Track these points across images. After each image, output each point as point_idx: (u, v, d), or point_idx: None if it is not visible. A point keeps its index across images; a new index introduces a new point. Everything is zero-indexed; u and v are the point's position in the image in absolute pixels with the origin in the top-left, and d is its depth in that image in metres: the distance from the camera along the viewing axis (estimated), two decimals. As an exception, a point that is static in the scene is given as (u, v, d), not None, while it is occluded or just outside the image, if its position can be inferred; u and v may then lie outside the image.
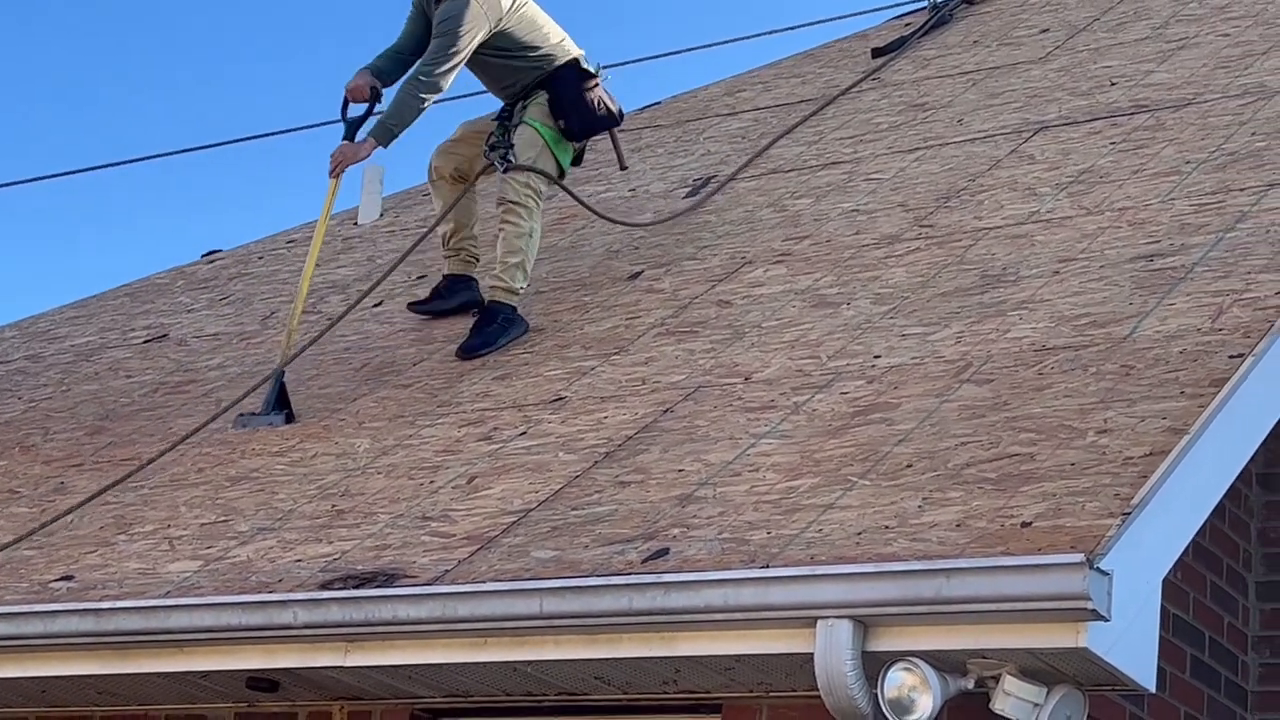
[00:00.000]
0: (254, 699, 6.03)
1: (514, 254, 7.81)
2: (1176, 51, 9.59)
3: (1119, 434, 5.34)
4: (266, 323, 9.05)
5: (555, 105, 8.01)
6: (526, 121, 8.02)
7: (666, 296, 7.72)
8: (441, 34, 7.83)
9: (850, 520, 5.24)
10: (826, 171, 8.98)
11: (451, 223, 8.16)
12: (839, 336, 6.73)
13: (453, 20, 7.81)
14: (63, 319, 10.29)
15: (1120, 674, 4.82)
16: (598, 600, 5.19)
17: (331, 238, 10.53)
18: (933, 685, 4.84)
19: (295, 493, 6.58)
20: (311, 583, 5.75)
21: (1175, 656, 5.96)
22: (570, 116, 8.01)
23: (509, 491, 6.10)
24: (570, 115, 8.01)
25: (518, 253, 7.82)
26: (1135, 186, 7.59)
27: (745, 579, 5.02)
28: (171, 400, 8.17)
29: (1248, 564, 6.50)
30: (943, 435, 5.65)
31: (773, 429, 6.05)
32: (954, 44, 10.98)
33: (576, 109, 8.03)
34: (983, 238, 7.42)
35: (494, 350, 7.55)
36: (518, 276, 7.79)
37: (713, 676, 5.30)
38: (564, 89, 8.02)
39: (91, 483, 7.30)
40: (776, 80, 11.34)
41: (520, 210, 7.85)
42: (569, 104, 8.02)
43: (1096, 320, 6.24)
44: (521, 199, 7.87)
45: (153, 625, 5.82)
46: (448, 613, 5.39)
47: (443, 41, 7.82)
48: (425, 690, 5.78)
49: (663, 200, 8.94)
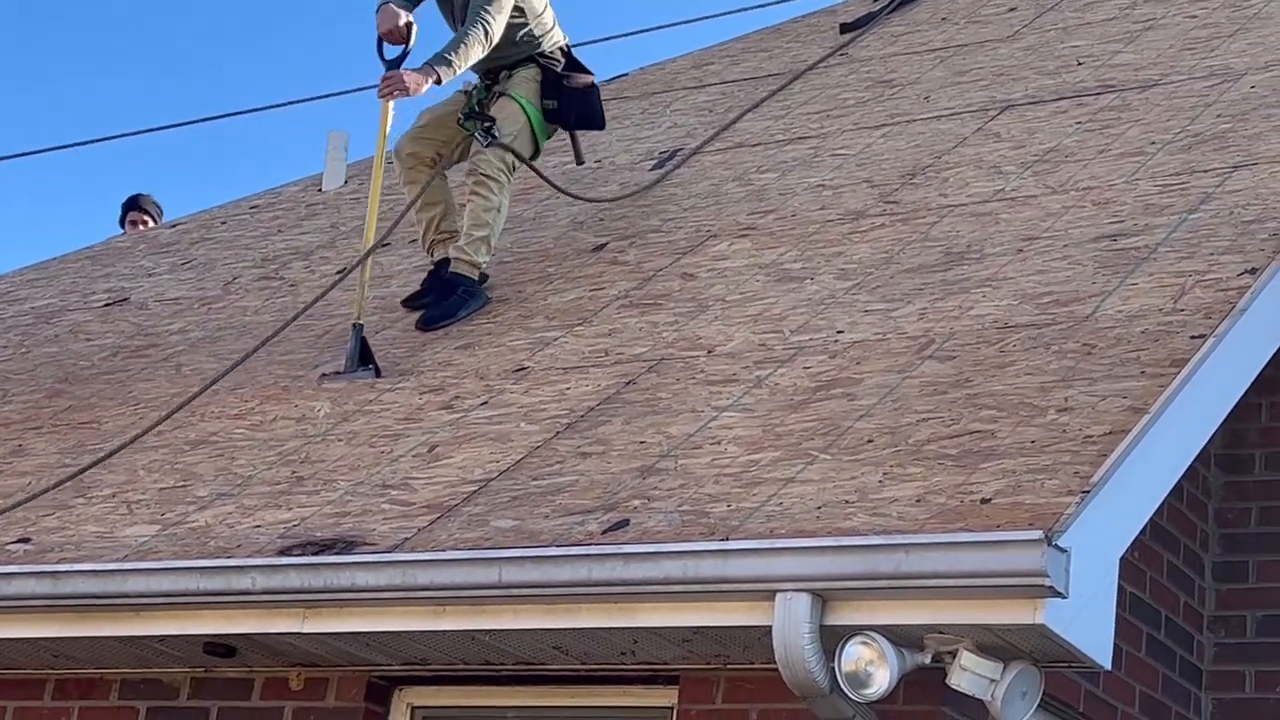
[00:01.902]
0: (211, 664, 6.02)
1: (480, 227, 7.77)
2: (1144, 32, 9.60)
3: (1080, 412, 5.36)
4: (229, 288, 9.02)
5: (549, 86, 7.94)
6: (512, 95, 7.94)
7: (630, 269, 7.71)
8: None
9: (810, 494, 5.25)
10: (793, 146, 8.98)
11: (441, 205, 8.00)
12: (802, 311, 6.73)
13: None
14: (22, 281, 10.23)
15: (1077, 651, 4.84)
16: (557, 570, 5.19)
17: (295, 204, 10.49)
18: (890, 660, 4.85)
19: (255, 458, 6.56)
20: (270, 548, 5.73)
21: (1131, 635, 5.99)
22: (567, 104, 7.95)
23: (470, 461, 6.09)
24: (567, 103, 7.95)
25: (484, 226, 7.77)
26: (1100, 166, 7.60)
27: (705, 551, 5.02)
28: (131, 364, 8.13)
29: (1205, 544, 6.54)
30: (904, 411, 5.66)
31: (735, 402, 6.05)
32: (922, 21, 10.98)
33: (576, 101, 7.99)
34: (947, 215, 7.43)
35: (454, 322, 7.52)
36: (481, 250, 7.76)
37: (671, 648, 5.31)
38: (557, 74, 7.96)
39: (50, 445, 7.27)
40: (744, 54, 11.32)
41: (491, 184, 7.80)
42: (568, 93, 7.97)
43: (1059, 299, 6.25)
44: (494, 173, 7.81)
45: (110, 589, 5.81)
46: (406, 580, 5.38)
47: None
48: (383, 658, 5.77)
49: (628, 172, 8.92)
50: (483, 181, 7.80)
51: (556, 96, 7.98)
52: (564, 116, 8.06)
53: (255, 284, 8.95)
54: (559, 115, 8.04)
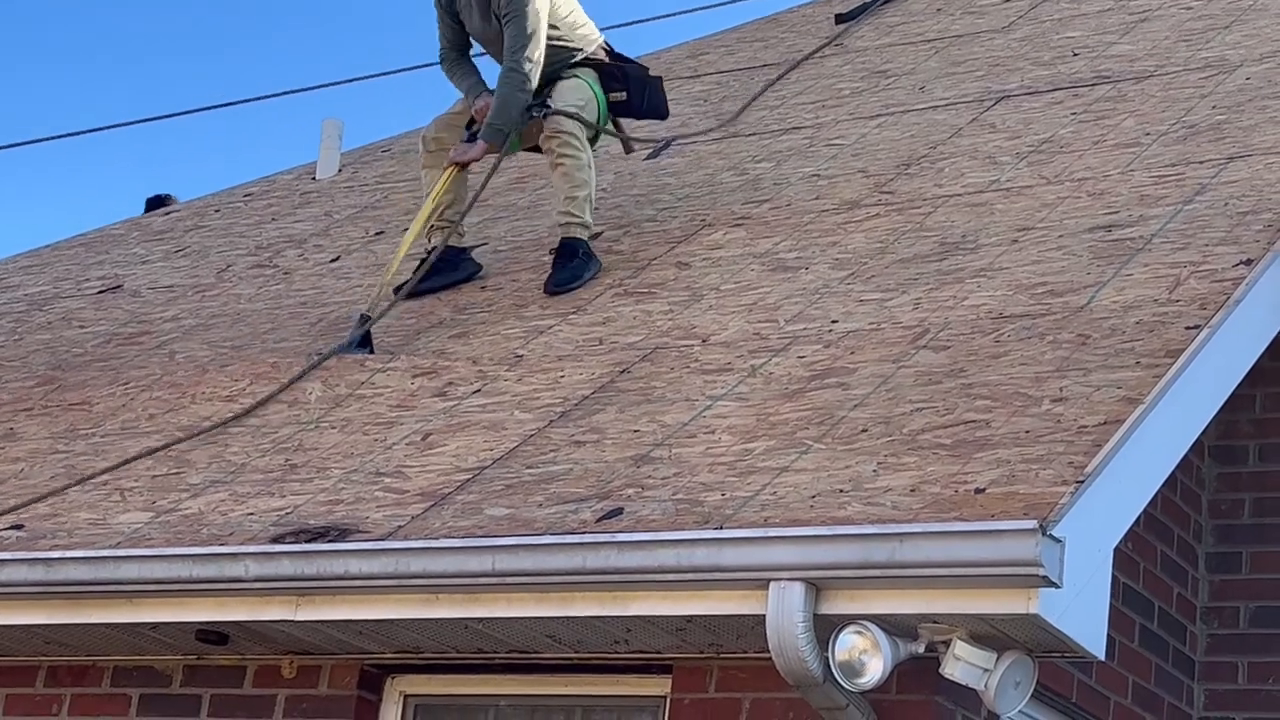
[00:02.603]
0: (203, 651, 6.01)
1: (579, 187, 7.62)
2: (1139, 23, 9.60)
3: (1074, 403, 5.35)
4: (222, 275, 9.00)
5: (610, 79, 7.85)
6: (578, 75, 7.83)
7: (625, 257, 7.70)
8: (513, 19, 7.64)
9: (804, 483, 5.24)
10: (788, 136, 8.97)
11: (450, 195, 7.88)
12: (797, 301, 6.73)
13: (519, 3, 7.63)
14: (16, 268, 10.22)
15: (1070, 641, 4.84)
16: (550, 558, 5.19)
17: (289, 192, 10.48)
18: (883, 649, 4.85)
19: (248, 445, 6.55)
20: (263, 536, 5.73)
21: (1124, 625, 6.00)
22: (635, 92, 7.88)
23: (463, 449, 6.09)
24: (635, 90, 7.88)
25: (582, 185, 7.63)
26: (1095, 157, 7.59)
27: (699, 540, 5.02)
28: (125, 351, 8.12)
29: (1198, 535, 6.54)
30: (899, 401, 5.66)
31: (729, 391, 6.04)
32: (917, 11, 10.97)
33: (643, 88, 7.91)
34: (942, 205, 7.43)
35: (582, 284, 7.39)
36: (586, 209, 7.63)
37: (664, 637, 5.30)
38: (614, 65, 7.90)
39: (42, 430, 7.26)
40: (739, 44, 11.31)
41: (574, 142, 7.65)
42: (635, 82, 7.90)
43: (1054, 289, 6.25)
44: (572, 131, 7.66)
45: (103, 576, 5.79)
46: (400, 568, 5.38)
47: (517, 26, 7.63)
48: (375, 646, 5.77)
49: (623, 161, 8.91)
50: (565, 142, 7.65)
51: (624, 86, 7.89)
52: (634, 104, 7.95)
53: (249, 272, 8.94)
54: (629, 104, 7.93)
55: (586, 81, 7.85)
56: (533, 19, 7.65)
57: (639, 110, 8.07)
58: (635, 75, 7.99)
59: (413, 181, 9.97)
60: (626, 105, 7.96)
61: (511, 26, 7.68)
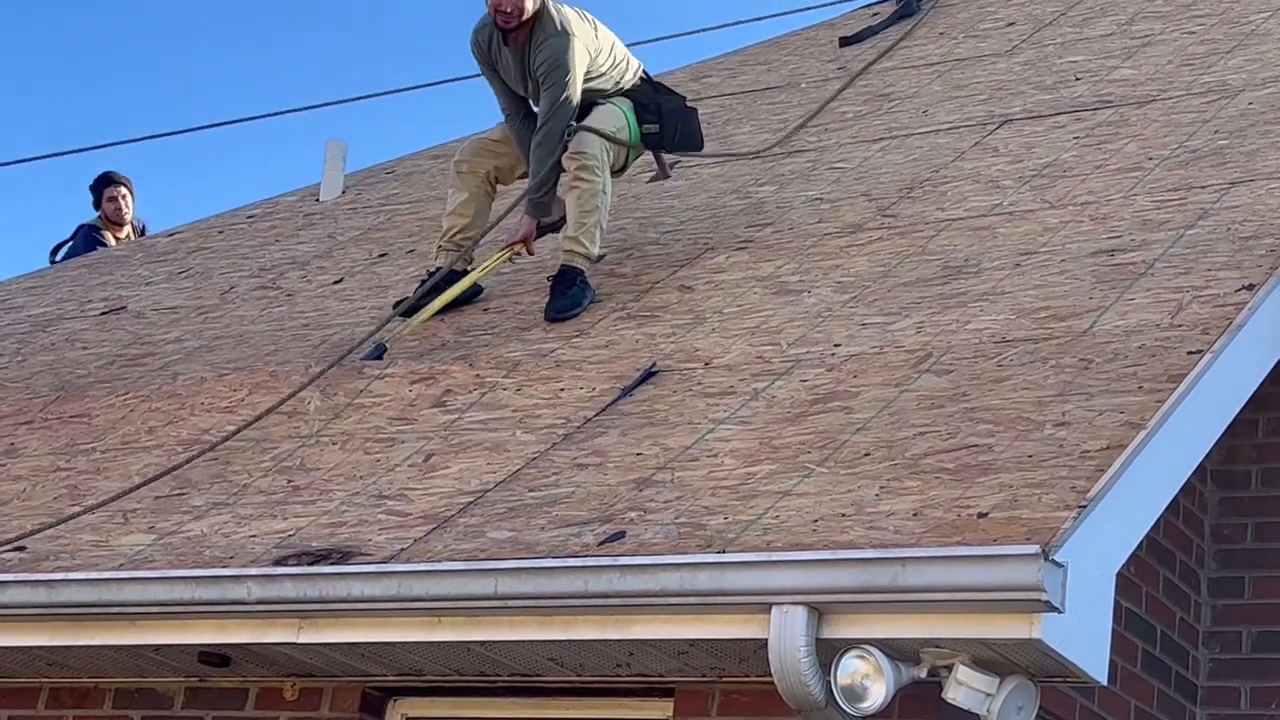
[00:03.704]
0: (205, 674, 6.01)
1: (589, 213, 7.56)
2: (1141, 48, 9.61)
3: (1077, 427, 5.36)
4: (225, 297, 9.02)
5: (645, 110, 7.81)
6: (614, 103, 7.79)
7: (628, 280, 7.71)
8: (551, 84, 7.56)
9: (807, 507, 5.25)
10: (791, 159, 8.98)
11: (466, 219, 7.86)
12: (799, 324, 6.73)
13: (560, 69, 7.55)
14: (20, 289, 10.23)
15: (1072, 666, 4.84)
16: (553, 582, 5.19)
17: (292, 214, 10.50)
18: (886, 673, 4.85)
19: (250, 463, 6.55)
20: (266, 558, 5.73)
21: (1127, 650, 5.99)
22: (669, 125, 7.84)
23: (466, 471, 6.09)
24: (669, 123, 7.84)
25: (593, 211, 7.57)
26: (1098, 181, 7.60)
27: (701, 563, 5.02)
28: (128, 372, 8.12)
29: (1200, 560, 6.54)
30: (901, 425, 5.66)
31: (732, 415, 6.05)
32: (920, 35, 10.99)
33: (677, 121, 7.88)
34: (945, 229, 7.44)
35: (581, 310, 7.37)
36: (595, 237, 7.58)
37: (666, 660, 5.30)
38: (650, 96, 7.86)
39: (44, 447, 7.26)
40: (743, 67, 11.33)
41: (595, 167, 7.58)
42: (669, 115, 7.86)
43: (1056, 314, 6.26)
44: (595, 155, 7.58)
45: (105, 598, 5.80)
46: (402, 591, 5.38)
47: (554, 92, 7.57)
48: (378, 669, 5.77)
49: (626, 184, 8.92)
50: (584, 165, 7.59)
51: (657, 119, 7.84)
52: (667, 137, 7.90)
53: (252, 293, 8.95)
54: (660, 137, 7.88)
55: (622, 110, 7.81)
56: (570, 86, 7.57)
57: (671, 144, 8.01)
58: (670, 108, 7.92)
59: (416, 203, 9.99)
60: (659, 137, 7.91)
61: (549, 94, 7.59)
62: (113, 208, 11.91)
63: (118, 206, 11.93)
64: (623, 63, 7.91)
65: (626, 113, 7.82)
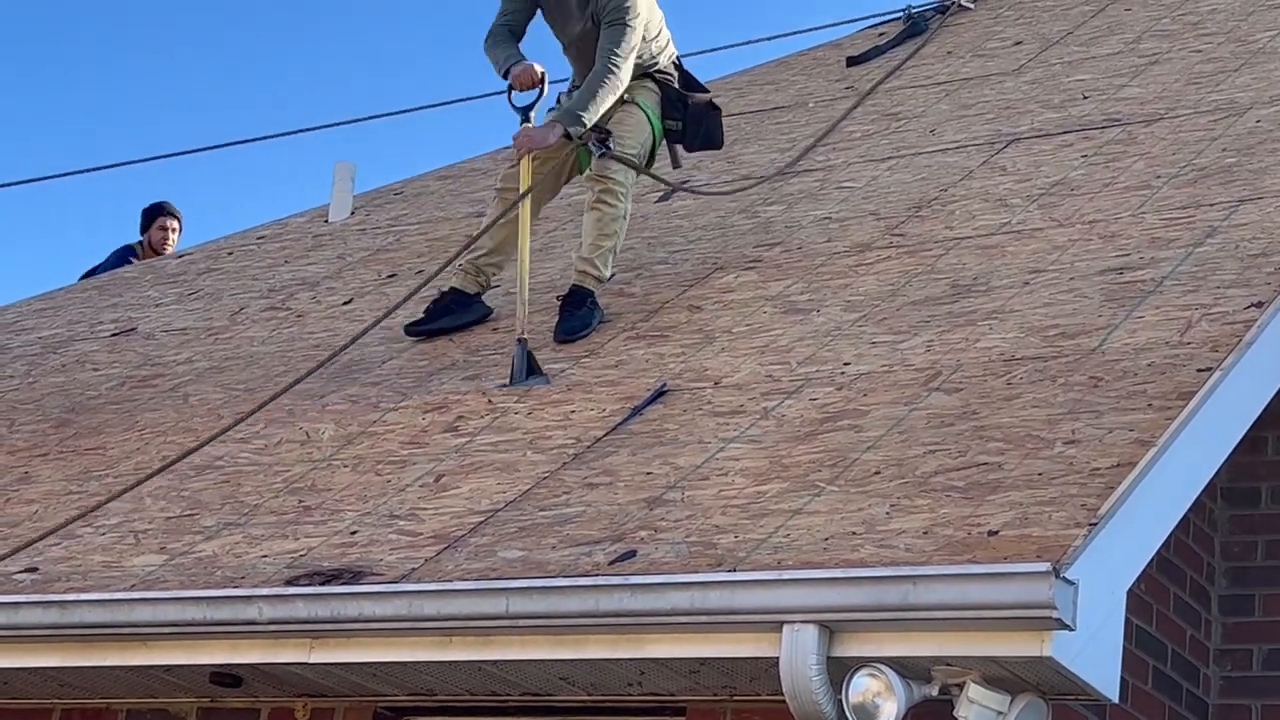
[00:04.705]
0: (217, 694, 6.02)
1: (607, 237, 7.61)
2: (1149, 66, 9.63)
3: (1086, 445, 5.36)
4: (235, 318, 9.03)
5: (670, 105, 7.84)
6: (638, 103, 7.80)
7: (637, 300, 7.72)
8: (616, 25, 7.65)
9: (818, 526, 5.25)
10: (799, 179, 9.00)
11: (494, 243, 7.80)
12: (809, 343, 6.74)
13: (626, 11, 7.64)
14: (30, 311, 10.25)
15: (1083, 684, 4.84)
16: (564, 601, 5.19)
17: (302, 235, 10.52)
18: (897, 692, 4.85)
19: (261, 485, 6.57)
20: (277, 578, 5.74)
21: (1138, 668, 5.99)
22: (693, 124, 7.87)
23: (477, 491, 6.10)
24: (693, 123, 7.87)
25: (611, 236, 7.63)
26: (1106, 199, 7.62)
27: (712, 582, 5.02)
28: (138, 394, 8.14)
29: (1211, 577, 6.53)
30: (911, 443, 5.67)
31: (741, 434, 6.05)
32: (927, 54, 11.01)
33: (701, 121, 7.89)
34: (954, 248, 7.45)
35: (590, 331, 7.38)
36: (608, 262, 7.63)
37: (678, 679, 5.31)
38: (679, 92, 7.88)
39: (56, 472, 7.28)
40: (750, 87, 11.36)
41: (619, 192, 7.64)
42: (694, 112, 7.88)
43: (1065, 332, 6.26)
44: (620, 182, 7.65)
45: (117, 619, 5.80)
46: (414, 611, 5.38)
47: (619, 32, 7.63)
48: (389, 688, 5.77)
49: (635, 204, 8.93)
50: (610, 190, 7.64)
51: (681, 117, 7.87)
52: (688, 138, 7.93)
53: (262, 314, 8.97)
54: (682, 136, 7.91)
55: (648, 114, 7.84)
56: (636, 30, 7.67)
57: (691, 144, 8.03)
58: (695, 108, 7.93)
59: (425, 224, 10.02)
60: (680, 134, 7.94)
61: (613, 30, 7.65)
62: (160, 236, 11.96)
63: (165, 237, 11.97)
64: (664, 41, 7.95)
65: (651, 114, 7.84)
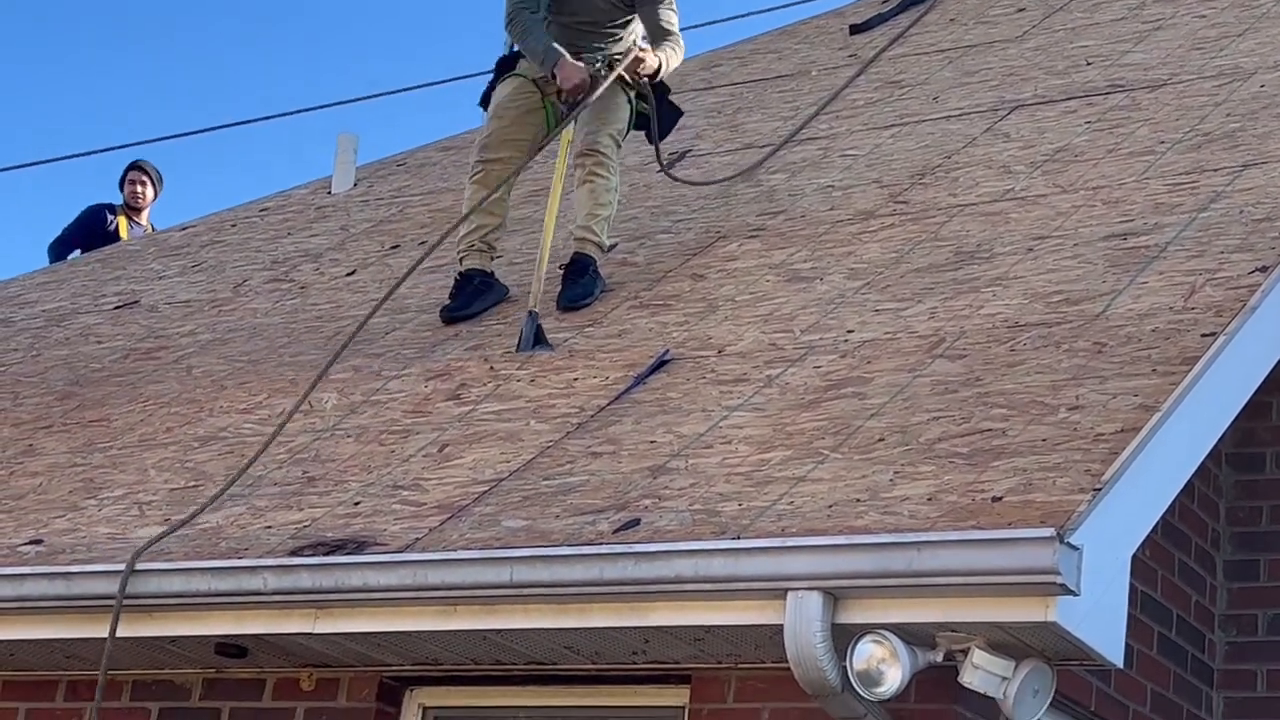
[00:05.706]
0: (222, 665, 6.03)
1: (603, 206, 7.69)
2: (1153, 32, 9.60)
3: (1091, 410, 5.35)
4: (238, 290, 9.03)
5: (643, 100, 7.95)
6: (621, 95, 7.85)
7: (640, 269, 7.71)
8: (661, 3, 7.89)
9: (821, 493, 5.25)
10: (802, 147, 8.97)
11: (497, 219, 7.84)
12: (812, 311, 6.73)
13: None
14: (33, 284, 10.25)
15: (1088, 649, 4.84)
16: (568, 570, 5.19)
17: (305, 207, 10.51)
18: (902, 658, 4.85)
19: (265, 457, 6.56)
20: (281, 549, 5.74)
21: (1143, 633, 5.99)
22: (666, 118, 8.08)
23: (480, 460, 6.10)
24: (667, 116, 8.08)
25: (606, 206, 7.70)
26: (1110, 166, 7.60)
27: (716, 550, 5.02)
28: (142, 366, 8.14)
29: (1216, 543, 6.53)
30: (915, 410, 5.66)
31: (745, 401, 6.05)
32: (930, 21, 10.97)
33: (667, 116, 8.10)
34: (957, 215, 7.43)
35: (594, 299, 7.43)
36: (606, 230, 7.69)
37: (682, 647, 5.31)
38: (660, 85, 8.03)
39: (60, 445, 7.28)
40: (753, 56, 11.33)
41: (610, 164, 7.73)
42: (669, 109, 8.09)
43: (1069, 298, 6.25)
44: (610, 154, 7.74)
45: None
46: (418, 580, 5.38)
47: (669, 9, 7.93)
48: (394, 658, 5.78)
49: (638, 174, 8.92)
50: (600, 162, 7.71)
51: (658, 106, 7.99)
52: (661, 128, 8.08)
53: (265, 286, 8.96)
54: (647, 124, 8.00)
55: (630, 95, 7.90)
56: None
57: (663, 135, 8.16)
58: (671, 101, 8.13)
59: (427, 195, 10.00)
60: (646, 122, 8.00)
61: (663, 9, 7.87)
62: (130, 191, 12.08)
63: (134, 191, 12.07)
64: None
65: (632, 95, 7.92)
